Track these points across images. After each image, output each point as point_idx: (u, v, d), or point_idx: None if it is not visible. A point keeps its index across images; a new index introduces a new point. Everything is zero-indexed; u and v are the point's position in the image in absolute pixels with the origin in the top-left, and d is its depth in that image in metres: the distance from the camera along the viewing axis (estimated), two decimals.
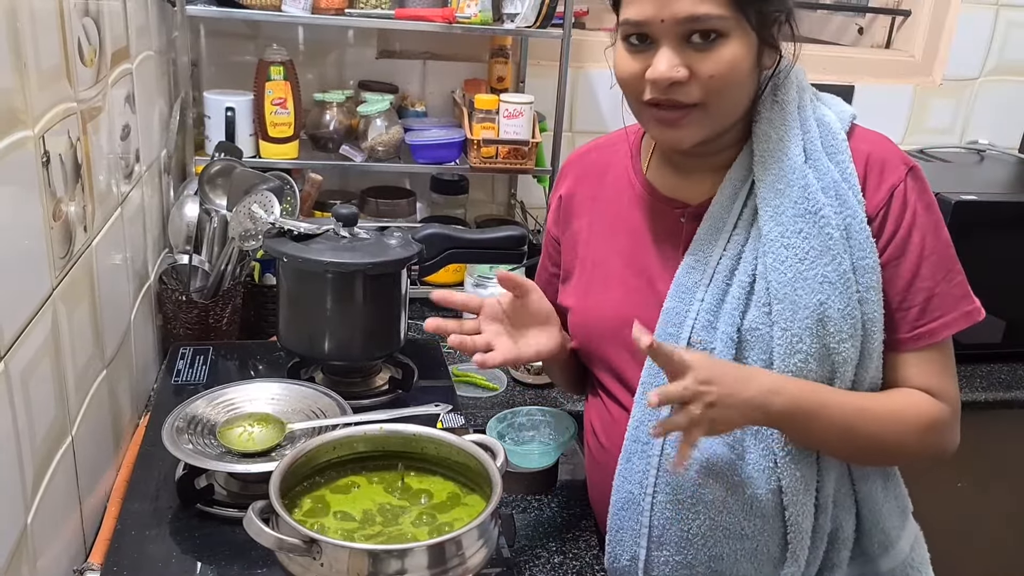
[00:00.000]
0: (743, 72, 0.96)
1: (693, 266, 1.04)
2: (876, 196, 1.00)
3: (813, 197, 0.99)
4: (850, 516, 1.06)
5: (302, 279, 1.31)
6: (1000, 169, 2.13)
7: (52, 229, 0.97)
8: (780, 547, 1.04)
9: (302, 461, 0.97)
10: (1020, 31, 2.30)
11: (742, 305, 1.01)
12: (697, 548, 1.04)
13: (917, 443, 1.02)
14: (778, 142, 1.01)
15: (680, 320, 1.04)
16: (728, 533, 1.03)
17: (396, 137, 1.80)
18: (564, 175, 1.23)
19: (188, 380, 1.36)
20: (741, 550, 1.04)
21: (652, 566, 1.07)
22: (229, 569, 0.98)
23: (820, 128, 1.03)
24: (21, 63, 0.88)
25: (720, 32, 0.94)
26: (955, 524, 1.86)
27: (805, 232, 0.98)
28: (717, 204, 1.04)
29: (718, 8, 0.92)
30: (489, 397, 1.58)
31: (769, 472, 1.01)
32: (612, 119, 2.14)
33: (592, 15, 2.16)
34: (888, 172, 1.01)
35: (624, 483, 1.07)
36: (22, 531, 0.88)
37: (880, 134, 1.06)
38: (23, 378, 0.88)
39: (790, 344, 0.98)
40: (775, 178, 1.00)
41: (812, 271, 0.98)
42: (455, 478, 1.01)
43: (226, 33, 1.90)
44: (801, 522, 1.02)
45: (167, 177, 1.66)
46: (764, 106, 1.03)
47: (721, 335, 1.01)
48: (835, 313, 0.97)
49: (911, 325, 1.01)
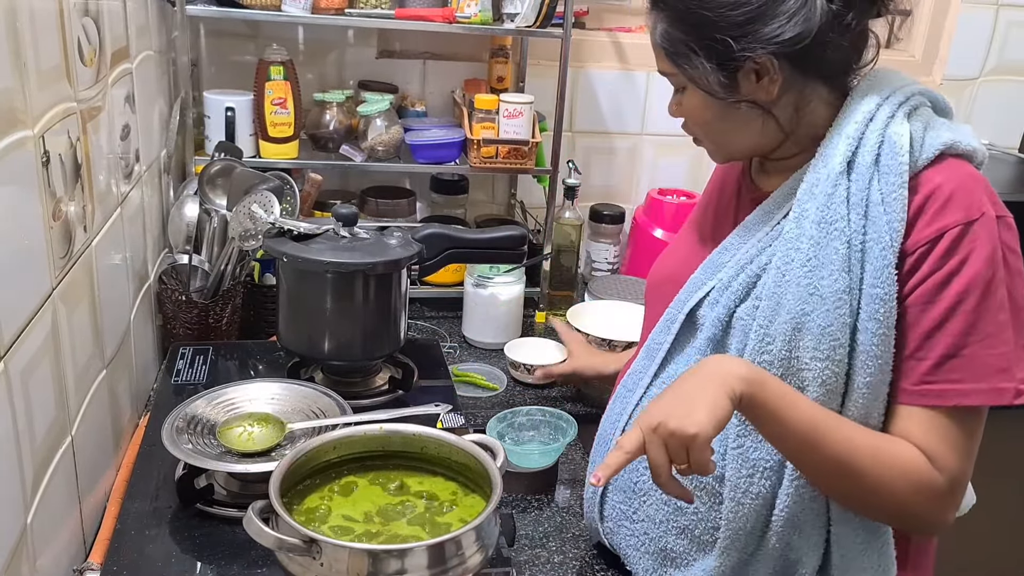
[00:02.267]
0: (707, 117, 1.03)
1: (727, 247, 1.07)
2: (924, 231, 0.93)
3: (835, 208, 0.95)
4: (813, 552, 1.00)
5: (302, 279, 1.31)
6: (1000, 169, 2.13)
7: (52, 229, 0.97)
8: (711, 538, 1.04)
9: (302, 461, 0.97)
10: (1020, 31, 2.30)
11: (742, 293, 1.02)
12: (639, 502, 1.08)
13: (900, 492, 0.93)
14: (831, 148, 0.99)
15: (696, 289, 1.08)
16: (665, 499, 1.06)
17: (396, 137, 1.80)
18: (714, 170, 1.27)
19: (188, 380, 1.36)
20: (675, 522, 1.06)
21: (605, 506, 1.14)
22: (229, 569, 0.98)
23: (884, 143, 0.96)
24: (21, 63, 0.88)
25: (681, 85, 1.03)
26: (955, 524, 1.86)
27: (815, 239, 0.96)
28: (773, 198, 1.05)
29: (666, 66, 1.03)
30: (489, 397, 1.58)
31: (716, 457, 0.96)
32: (612, 119, 2.14)
33: (592, 15, 2.16)
34: (949, 212, 0.92)
35: (607, 420, 1.17)
36: (22, 531, 0.88)
37: (977, 174, 0.97)
38: (23, 378, 0.88)
39: (761, 343, 0.98)
40: (814, 183, 0.99)
41: (807, 279, 0.95)
42: (455, 478, 1.01)
43: (226, 33, 1.90)
44: (734, 522, 1.00)
45: (167, 177, 1.66)
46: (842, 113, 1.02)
47: (716, 314, 1.03)
48: (815, 327, 0.94)
49: (919, 378, 0.94)
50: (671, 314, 1.10)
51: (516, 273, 1.74)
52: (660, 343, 1.11)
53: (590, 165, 2.15)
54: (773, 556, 1.02)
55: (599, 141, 2.16)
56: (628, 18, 2.21)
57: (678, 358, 1.09)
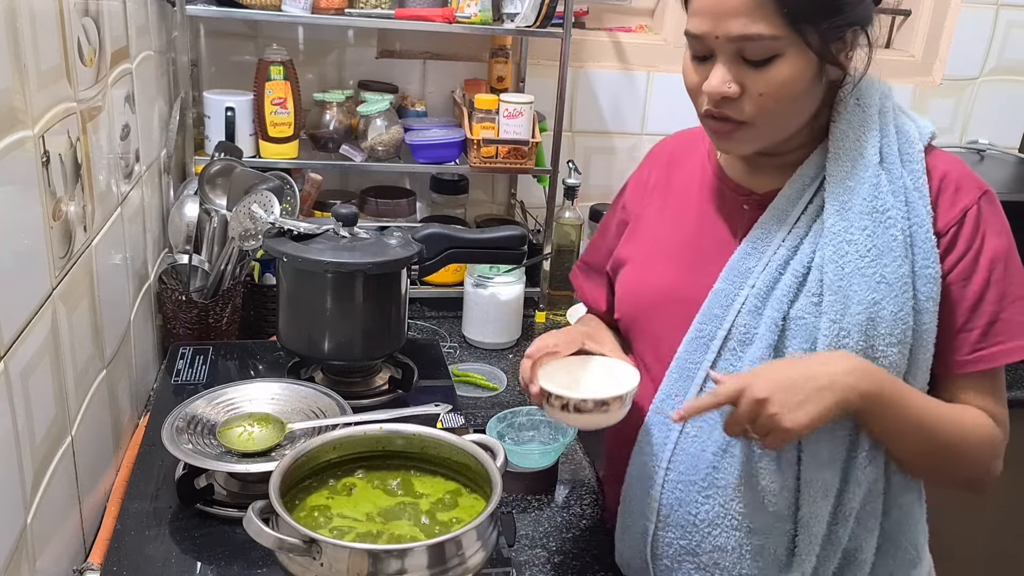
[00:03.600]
0: (797, 90, 0.96)
1: (749, 252, 1.04)
2: (949, 214, 1.00)
3: (882, 197, 0.99)
4: (872, 537, 1.04)
5: (302, 279, 1.31)
6: (1000, 169, 2.13)
7: (52, 229, 0.97)
8: (787, 550, 1.03)
9: (302, 461, 0.97)
10: (1020, 31, 2.30)
11: (792, 293, 1.01)
12: (703, 535, 1.04)
13: (982, 458, 1.03)
14: (855, 141, 1.01)
15: (728, 302, 1.04)
16: (735, 524, 1.02)
17: (396, 137, 1.80)
18: (654, 158, 1.23)
19: (188, 380, 1.36)
20: (747, 545, 1.02)
21: (658, 545, 1.07)
22: (229, 569, 0.98)
23: (899, 135, 1.03)
24: (21, 63, 0.88)
25: (774, 51, 0.93)
26: (954, 524, 1.86)
27: (869, 230, 0.98)
28: (783, 196, 1.04)
29: (771, 28, 0.91)
30: (489, 397, 1.58)
31: (788, 467, 1.00)
32: (612, 119, 2.14)
33: (592, 15, 2.16)
34: (963, 193, 1.01)
35: (640, 454, 1.09)
36: (22, 531, 0.88)
37: (956, 156, 1.06)
38: (23, 378, 0.88)
39: (836, 337, 0.97)
40: (846, 175, 1.00)
41: (871, 268, 0.97)
42: (455, 478, 1.01)
43: (226, 33, 1.90)
44: (813, 527, 1.00)
45: (167, 177, 1.66)
46: (845, 107, 1.02)
47: (766, 319, 1.01)
48: (887, 315, 0.97)
49: (971, 347, 1.01)
50: (704, 330, 1.04)
51: (516, 273, 1.74)
52: (696, 363, 1.05)
53: (590, 165, 2.15)
54: (839, 550, 1.03)
55: (599, 141, 2.16)
56: (628, 18, 2.21)
57: None
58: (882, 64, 1.06)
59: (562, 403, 0.99)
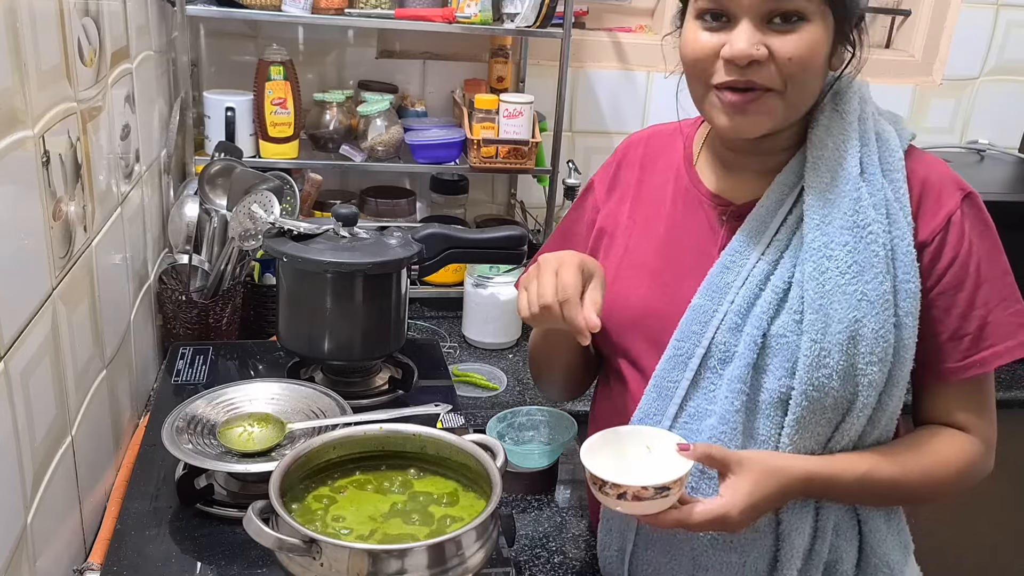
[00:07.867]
0: (820, 59, 0.94)
1: (728, 266, 1.01)
2: (933, 221, 0.98)
3: (864, 212, 0.96)
4: (851, 548, 1.04)
5: (302, 279, 1.31)
6: (1000, 169, 2.13)
7: (52, 229, 0.97)
8: (769, 565, 1.02)
9: (302, 461, 0.97)
10: (1020, 31, 2.30)
11: (772, 310, 0.98)
12: (683, 553, 1.03)
13: (954, 488, 1.04)
14: (834, 151, 0.98)
15: (707, 319, 1.01)
16: (716, 542, 1.01)
17: (396, 137, 1.80)
18: (625, 153, 1.18)
19: (188, 380, 1.36)
20: (727, 562, 1.01)
21: (636, 564, 1.06)
22: (229, 569, 0.98)
23: (879, 143, 1.00)
24: (21, 63, 0.88)
25: (803, 14, 0.91)
26: (954, 523, 1.86)
27: (850, 246, 0.95)
28: (762, 206, 1.01)
29: None
30: (489, 397, 1.58)
31: None
32: (612, 119, 2.14)
33: (592, 15, 2.16)
34: (945, 198, 0.99)
35: None
36: (22, 531, 0.88)
37: (936, 157, 1.04)
38: (23, 378, 0.88)
39: (817, 357, 0.95)
40: (826, 187, 0.97)
41: (852, 286, 0.95)
42: (455, 478, 1.01)
43: (226, 33, 1.90)
44: (794, 541, 1.00)
45: (167, 177, 1.66)
46: (823, 113, 1.00)
47: (746, 337, 0.98)
48: (869, 333, 0.95)
49: (963, 354, 1.00)
50: (682, 348, 1.02)
51: (516, 273, 1.74)
52: (674, 381, 1.02)
53: (590, 165, 2.14)
54: (820, 564, 1.02)
55: (599, 141, 2.16)
56: (628, 18, 2.21)
57: (698, 395, 1.02)
58: (882, 64, 1.06)
59: (619, 492, 0.92)
